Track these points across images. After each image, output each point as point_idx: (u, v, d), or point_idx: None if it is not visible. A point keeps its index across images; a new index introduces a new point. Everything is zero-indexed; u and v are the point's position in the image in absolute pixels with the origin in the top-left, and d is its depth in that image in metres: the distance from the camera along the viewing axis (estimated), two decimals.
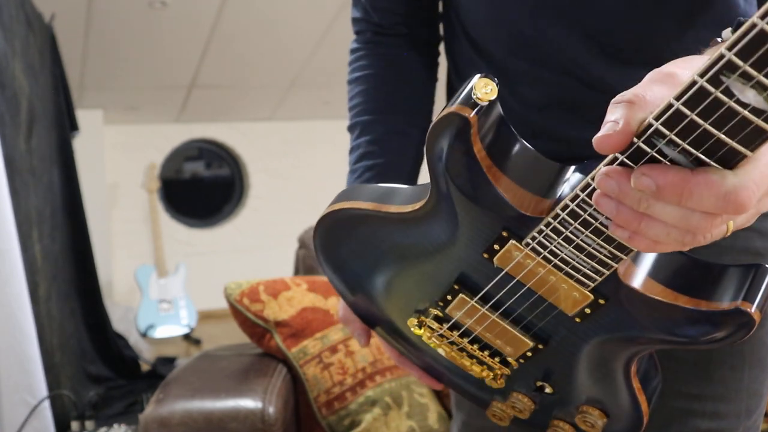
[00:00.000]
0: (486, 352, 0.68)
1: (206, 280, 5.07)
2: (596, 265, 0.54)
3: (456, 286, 0.65)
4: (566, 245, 0.54)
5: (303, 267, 2.20)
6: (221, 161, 6.22)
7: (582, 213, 0.51)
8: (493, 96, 0.52)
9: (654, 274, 0.56)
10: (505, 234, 0.58)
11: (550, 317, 0.62)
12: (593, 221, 0.50)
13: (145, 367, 3.72)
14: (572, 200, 0.51)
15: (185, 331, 4.92)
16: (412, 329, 0.71)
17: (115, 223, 5.50)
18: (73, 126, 3.69)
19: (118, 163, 5.53)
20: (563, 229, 0.53)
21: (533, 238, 0.56)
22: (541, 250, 0.56)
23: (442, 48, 0.94)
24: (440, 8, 0.90)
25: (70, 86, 3.71)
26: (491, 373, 0.70)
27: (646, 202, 0.44)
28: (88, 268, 3.62)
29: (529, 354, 0.66)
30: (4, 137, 2.33)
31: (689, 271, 0.56)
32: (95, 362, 3.44)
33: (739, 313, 0.52)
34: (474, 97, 0.52)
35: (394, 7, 0.89)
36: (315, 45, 4.21)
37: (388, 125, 0.87)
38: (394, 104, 0.88)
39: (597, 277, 0.55)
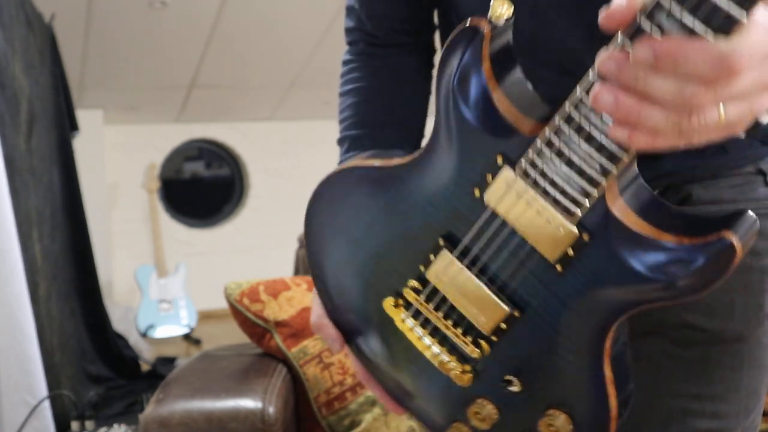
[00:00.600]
0: (459, 330, 0.67)
1: (206, 280, 5.07)
2: (585, 185, 0.54)
3: (441, 242, 0.65)
4: (557, 160, 0.54)
5: (303, 267, 2.21)
6: (221, 161, 6.22)
7: (577, 118, 0.52)
8: (507, 15, 0.55)
9: (640, 211, 0.56)
10: (499, 160, 0.58)
11: (529, 273, 0.61)
12: (588, 126, 0.52)
13: (145, 367, 3.72)
14: (571, 104, 0.52)
15: (185, 331, 4.92)
16: (387, 311, 0.70)
17: (115, 223, 5.50)
18: (73, 126, 3.69)
19: (118, 163, 5.53)
20: (557, 141, 0.54)
21: (527, 158, 0.56)
22: (532, 172, 0.56)
23: (436, 58, 0.93)
24: (436, 17, 0.90)
25: (70, 86, 3.71)
26: (460, 367, 0.68)
27: (644, 79, 0.46)
28: (88, 268, 3.62)
29: (503, 326, 0.63)
30: (4, 137, 2.33)
31: (674, 215, 0.57)
32: (95, 362, 3.44)
33: (722, 242, 0.52)
34: (489, 16, 0.55)
35: (391, 13, 0.87)
36: (315, 45, 4.21)
37: (379, 140, 0.85)
38: (386, 118, 0.86)
39: (585, 202, 0.55)
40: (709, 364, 0.76)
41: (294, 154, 5.93)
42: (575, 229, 0.56)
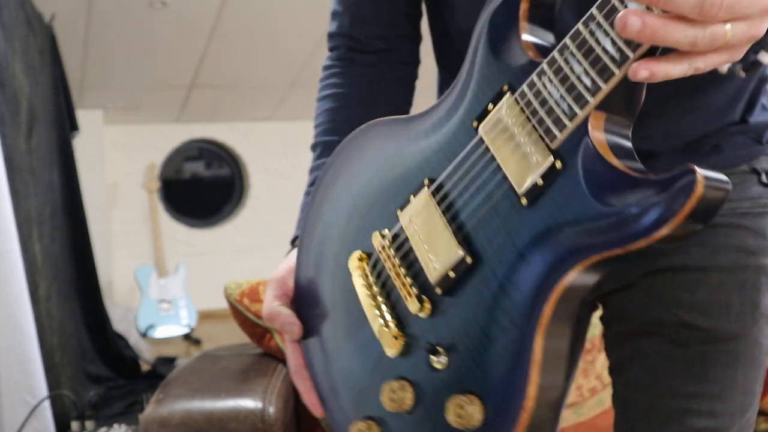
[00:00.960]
0: (408, 279, 0.65)
1: (206, 280, 5.07)
2: (573, 104, 0.54)
3: (426, 181, 0.65)
4: (554, 78, 0.55)
5: None
6: (221, 161, 6.22)
7: (584, 32, 0.53)
8: None
9: (615, 150, 0.56)
10: (505, 88, 0.61)
11: (492, 210, 0.60)
12: (591, 39, 0.53)
13: (145, 367, 3.72)
14: (582, 21, 0.53)
15: (185, 331, 4.92)
16: (350, 267, 0.70)
17: (115, 223, 5.50)
18: (73, 126, 3.69)
19: (118, 163, 5.53)
20: (559, 58, 0.55)
21: (528, 81, 0.58)
22: (528, 92, 0.58)
23: (419, 70, 0.91)
24: (422, 30, 0.89)
25: (70, 86, 3.71)
26: (395, 331, 0.65)
27: None
28: (88, 268, 3.62)
29: (451, 275, 0.61)
30: (4, 137, 2.33)
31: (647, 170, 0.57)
32: (95, 362, 3.44)
33: (685, 173, 0.50)
34: None
35: (377, 18, 0.86)
36: (315, 45, 4.21)
37: None
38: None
39: (568, 123, 0.55)
40: (706, 363, 0.76)
41: (294, 154, 5.92)
42: (550, 156, 0.56)
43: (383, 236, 0.68)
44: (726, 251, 0.76)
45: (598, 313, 0.88)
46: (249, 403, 1.26)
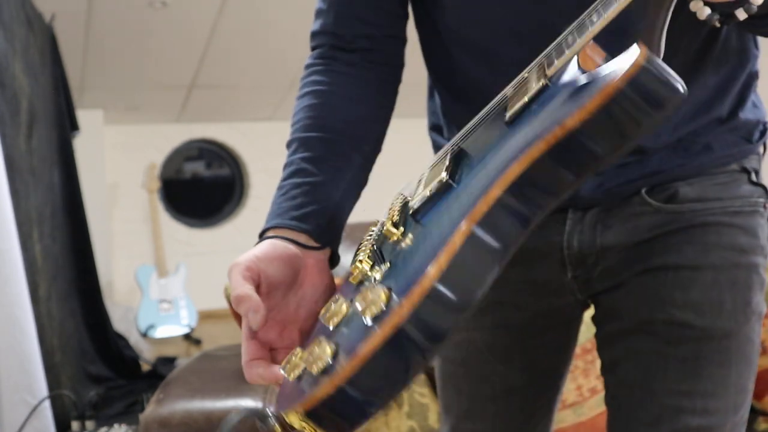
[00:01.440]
0: (397, 212, 0.65)
1: (206, 280, 5.06)
2: (576, 35, 0.59)
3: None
4: (575, 34, 0.60)
5: None
6: (221, 161, 6.22)
7: None
8: None
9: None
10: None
11: (481, 137, 0.64)
12: None
13: (145, 367, 3.72)
14: None
15: (185, 331, 4.92)
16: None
17: (115, 223, 5.50)
18: (73, 126, 3.69)
19: (118, 163, 5.53)
20: (586, 19, 0.59)
21: (557, 40, 0.62)
22: (551, 48, 0.63)
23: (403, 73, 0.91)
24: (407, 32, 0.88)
25: (70, 86, 3.71)
26: (364, 257, 0.64)
27: None
28: (88, 268, 3.62)
29: (427, 193, 0.60)
30: (4, 137, 2.33)
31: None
32: (95, 362, 3.44)
33: (632, 47, 0.50)
34: None
35: (361, 15, 0.84)
36: None
37: (328, 145, 0.80)
38: (341, 125, 0.81)
39: (566, 50, 0.59)
40: (699, 361, 0.76)
41: None
42: (543, 79, 0.59)
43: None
44: (718, 250, 0.77)
45: (590, 313, 0.88)
46: (249, 403, 1.27)
